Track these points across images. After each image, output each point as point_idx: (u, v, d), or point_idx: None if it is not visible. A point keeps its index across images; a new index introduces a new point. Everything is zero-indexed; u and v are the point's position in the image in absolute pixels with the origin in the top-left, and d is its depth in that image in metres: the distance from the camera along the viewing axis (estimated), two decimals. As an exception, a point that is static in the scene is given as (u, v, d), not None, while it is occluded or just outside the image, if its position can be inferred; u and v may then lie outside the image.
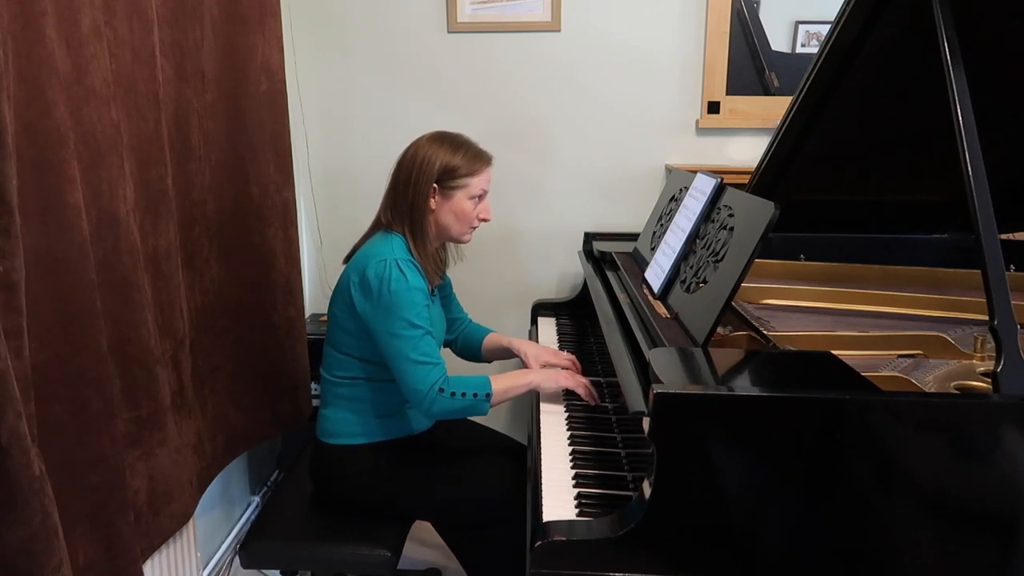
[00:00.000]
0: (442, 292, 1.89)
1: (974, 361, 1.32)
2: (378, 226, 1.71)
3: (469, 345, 1.97)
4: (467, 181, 1.64)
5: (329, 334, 1.72)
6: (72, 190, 1.24)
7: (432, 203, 1.64)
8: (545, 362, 1.82)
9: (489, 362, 1.99)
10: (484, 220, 1.70)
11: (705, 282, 1.38)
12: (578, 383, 1.64)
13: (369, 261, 1.59)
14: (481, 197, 1.67)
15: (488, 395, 1.60)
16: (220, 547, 2.17)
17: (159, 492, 1.55)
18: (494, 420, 2.64)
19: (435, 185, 1.63)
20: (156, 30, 1.53)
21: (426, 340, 1.57)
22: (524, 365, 1.84)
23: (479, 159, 1.65)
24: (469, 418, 1.94)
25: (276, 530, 1.70)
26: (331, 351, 1.72)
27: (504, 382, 1.64)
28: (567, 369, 1.77)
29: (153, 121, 1.53)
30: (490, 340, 1.95)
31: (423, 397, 1.56)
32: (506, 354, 1.94)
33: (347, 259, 1.71)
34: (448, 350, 2.00)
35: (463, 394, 1.58)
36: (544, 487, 1.31)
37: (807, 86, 1.51)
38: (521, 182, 2.54)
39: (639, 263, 1.89)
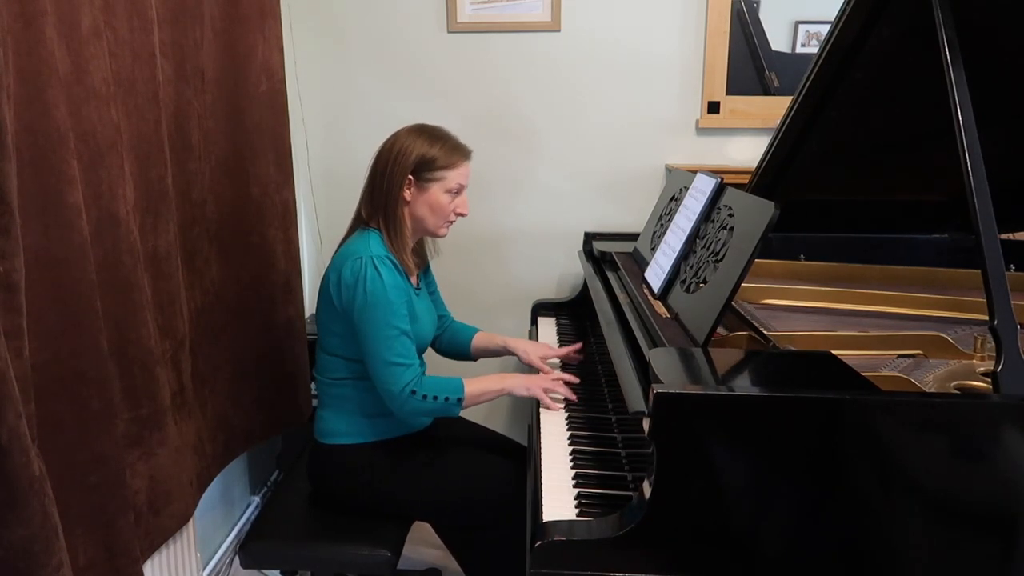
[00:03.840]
0: (428, 288, 1.89)
1: (974, 361, 1.32)
2: (357, 222, 1.71)
3: (456, 343, 1.96)
4: (443, 174, 1.62)
5: (319, 336, 1.73)
6: (72, 190, 1.23)
7: (407, 194, 1.63)
8: (545, 356, 1.84)
9: (476, 360, 1.98)
10: (461, 215, 1.68)
11: (705, 282, 1.38)
12: (548, 389, 1.64)
13: (346, 260, 1.59)
14: (458, 192, 1.65)
15: (460, 400, 1.60)
16: (220, 547, 2.17)
17: (159, 492, 1.55)
18: (494, 420, 2.64)
19: (410, 176, 1.61)
20: (156, 30, 1.53)
21: (401, 340, 1.57)
22: (520, 363, 1.86)
23: (457, 152, 1.64)
24: (469, 419, 1.95)
25: (276, 530, 1.70)
26: (322, 354, 1.72)
27: (477, 386, 1.64)
28: (566, 358, 1.83)
29: (153, 121, 1.53)
30: (480, 339, 1.94)
31: (394, 397, 1.57)
32: (498, 353, 1.94)
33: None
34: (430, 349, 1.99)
35: (435, 397, 1.58)
36: (544, 487, 1.31)
37: (807, 86, 1.51)
38: (521, 182, 2.54)
39: (639, 263, 1.89)
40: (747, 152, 2.43)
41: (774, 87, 2.42)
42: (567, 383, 1.68)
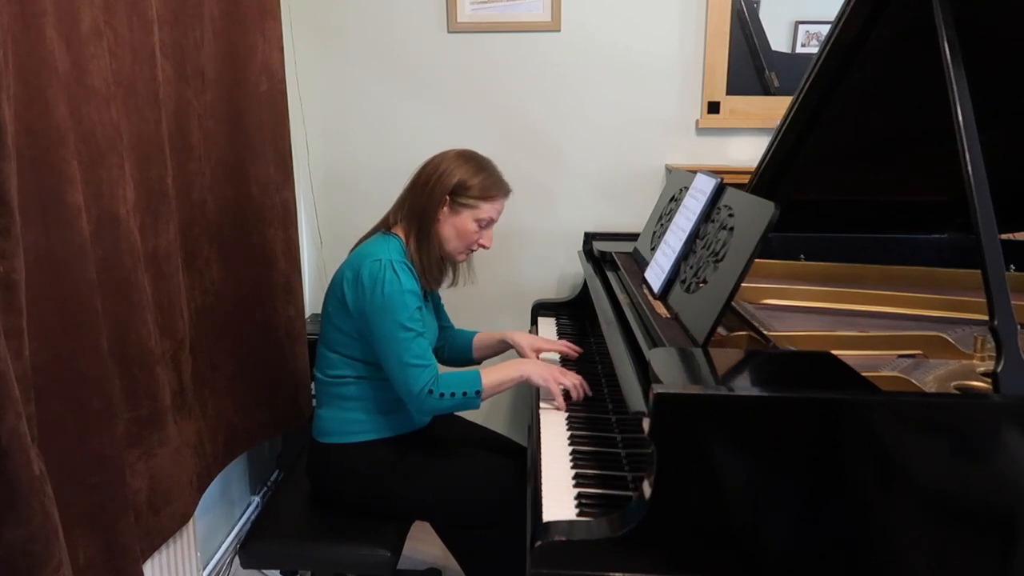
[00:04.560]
0: (433, 300, 1.90)
1: (974, 361, 1.32)
2: (382, 225, 1.73)
3: (457, 349, 1.97)
4: (478, 204, 1.66)
5: (322, 333, 1.73)
6: (72, 190, 1.24)
7: (441, 213, 1.66)
8: (539, 348, 1.85)
9: (479, 362, 1.99)
10: (482, 246, 1.72)
11: (705, 282, 1.38)
12: (563, 384, 1.64)
13: (364, 260, 1.60)
14: (487, 225, 1.70)
15: (478, 392, 1.61)
16: (220, 547, 2.17)
17: (159, 492, 1.55)
18: (494, 420, 2.64)
19: (448, 196, 1.65)
20: (156, 30, 1.53)
21: (418, 342, 1.58)
22: (520, 356, 1.87)
23: (496, 187, 1.69)
24: (469, 419, 1.96)
25: (276, 530, 1.70)
26: (324, 351, 1.72)
27: (495, 375, 1.64)
28: (563, 353, 1.84)
29: (153, 121, 1.53)
30: (480, 339, 1.96)
31: (415, 398, 1.58)
32: (499, 348, 1.95)
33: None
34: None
35: (452, 393, 1.59)
36: (544, 487, 1.31)
37: (807, 86, 1.51)
38: (521, 182, 2.51)
39: (639, 263, 1.89)
40: (747, 152, 2.43)
41: (774, 87, 2.42)
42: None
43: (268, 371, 2.07)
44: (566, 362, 1.86)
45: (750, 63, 2.41)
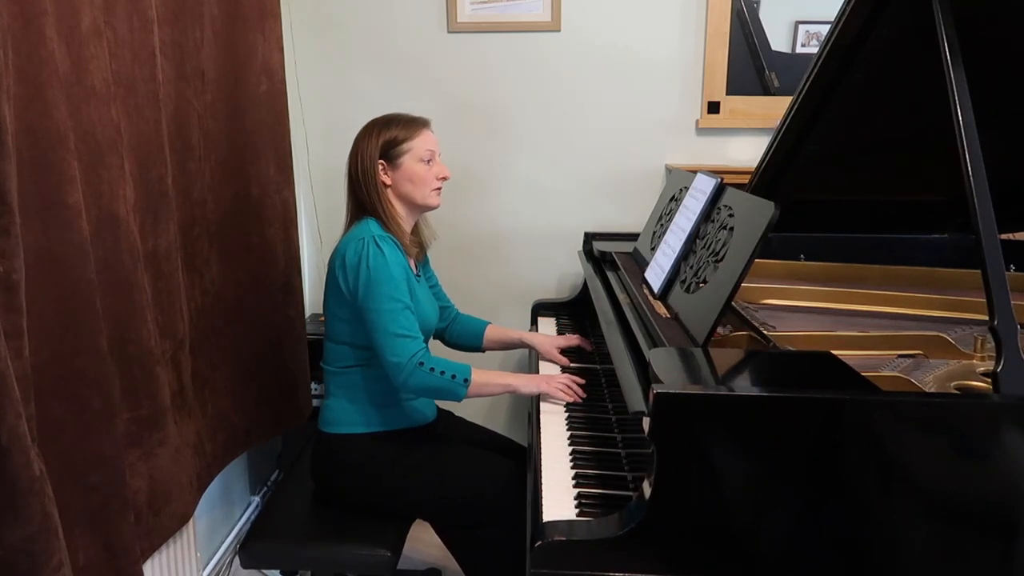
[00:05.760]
0: (429, 281, 1.91)
1: (974, 361, 1.32)
2: (352, 219, 1.75)
3: (466, 335, 1.98)
4: (408, 145, 1.68)
5: (326, 327, 1.75)
6: (72, 190, 1.24)
7: (386, 179, 1.69)
8: (560, 346, 1.89)
9: (484, 352, 2.01)
10: (444, 178, 1.73)
11: (705, 282, 1.38)
12: (558, 390, 1.65)
13: (348, 243, 1.64)
14: (430, 159, 1.71)
15: (466, 380, 1.61)
16: (220, 547, 2.17)
17: (159, 492, 1.55)
18: (494, 420, 2.64)
19: (381, 162, 1.68)
20: (156, 30, 1.53)
21: (405, 314, 1.60)
22: (535, 357, 1.91)
23: (414, 123, 1.71)
24: (469, 419, 1.96)
25: (276, 530, 1.70)
26: (329, 343, 1.74)
27: (486, 376, 1.66)
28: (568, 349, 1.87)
29: (153, 121, 1.53)
30: (493, 332, 1.98)
31: (401, 369, 1.58)
32: (512, 346, 1.97)
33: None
34: (439, 343, 2.01)
35: (441, 372, 1.60)
36: (544, 487, 1.31)
37: (807, 86, 1.51)
38: (521, 182, 2.54)
39: (639, 263, 1.89)
40: (747, 152, 2.43)
41: (774, 87, 2.42)
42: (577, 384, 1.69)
43: (268, 371, 2.07)
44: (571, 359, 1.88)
45: (750, 63, 2.41)
